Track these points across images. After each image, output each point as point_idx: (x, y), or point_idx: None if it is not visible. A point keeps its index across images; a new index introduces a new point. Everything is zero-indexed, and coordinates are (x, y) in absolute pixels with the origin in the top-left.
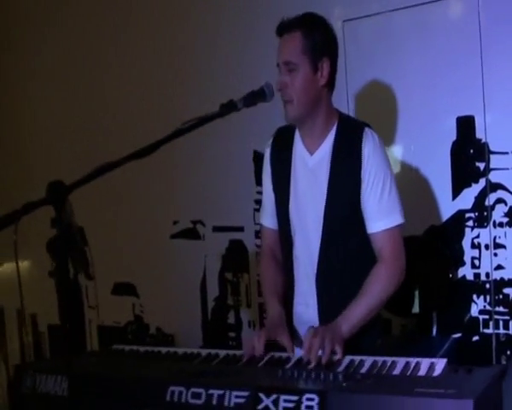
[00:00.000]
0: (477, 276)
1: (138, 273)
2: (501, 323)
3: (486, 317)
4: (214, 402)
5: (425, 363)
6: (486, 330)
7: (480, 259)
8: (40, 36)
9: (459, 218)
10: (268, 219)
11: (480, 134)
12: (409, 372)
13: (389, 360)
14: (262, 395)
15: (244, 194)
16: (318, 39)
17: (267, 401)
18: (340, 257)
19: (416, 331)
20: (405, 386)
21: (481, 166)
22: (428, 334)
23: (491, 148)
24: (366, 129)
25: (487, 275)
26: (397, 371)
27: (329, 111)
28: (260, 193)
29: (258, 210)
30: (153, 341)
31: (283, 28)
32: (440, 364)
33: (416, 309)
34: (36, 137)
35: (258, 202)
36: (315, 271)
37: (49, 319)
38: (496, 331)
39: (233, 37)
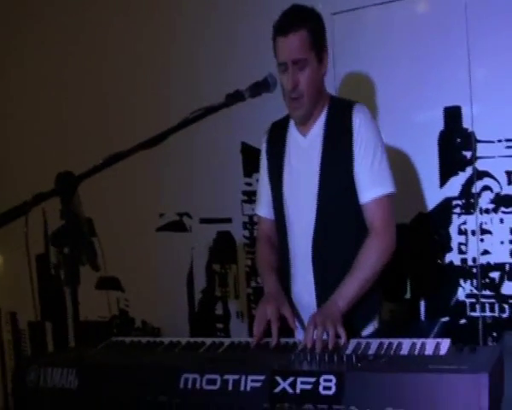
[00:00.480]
0: (464, 261)
1: (123, 267)
2: (487, 306)
3: (473, 300)
4: (230, 387)
5: (430, 343)
6: (473, 314)
7: (466, 244)
8: (32, 34)
9: (446, 205)
10: (264, 208)
11: (466, 124)
12: (416, 352)
13: (395, 341)
14: (279, 379)
15: (232, 185)
16: (320, 33)
17: (284, 384)
18: (334, 233)
19: (405, 316)
20: (419, 364)
21: (468, 154)
22: (417, 318)
23: (478, 137)
24: (356, 104)
25: (474, 260)
26: (404, 352)
27: (323, 95)
28: (248, 184)
29: (246, 201)
30: (139, 334)
31: (287, 27)
32: (445, 344)
33: (407, 295)
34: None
35: (246, 193)
36: (310, 248)
37: (29, 316)
38: (482, 314)
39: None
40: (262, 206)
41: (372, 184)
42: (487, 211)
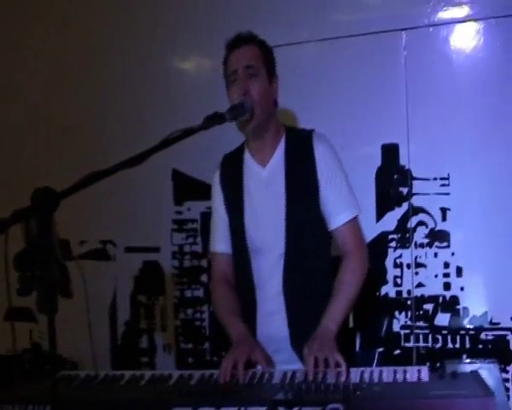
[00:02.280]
0: (399, 293)
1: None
2: (421, 337)
3: (407, 331)
4: None
5: (411, 371)
6: (407, 344)
7: (402, 277)
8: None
9: (383, 239)
10: (221, 244)
11: (403, 161)
12: (401, 379)
13: (375, 369)
14: (282, 409)
15: (161, 213)
16: (271, 57)
17: None
18: (304, 262)
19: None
20: (419, 391)
21: (404, 190)
22: (352, 349)
23: (414, 174)
24: (314, 132)
25: (409, 292)
26: (389, 379)
27: (278, 125)
28: (179, 213)
29: (176, 230)
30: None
31: (240, 41)
32: (424, 371)
33: (351, 324)
34: None
35: (177, 221)
36: (281, 279)
37: None
38: (416, 345)
39: None
40: (218, 241)
41: (342, 208)
42: (422, 245)
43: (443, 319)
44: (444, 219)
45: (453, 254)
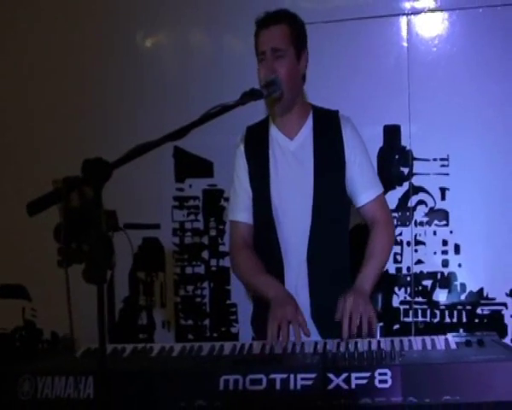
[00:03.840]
0: (399, 270)
1: (30, 274)
2: (419, 312)
3: (407, 307)
4: (278, 387)
5: (439, 340)
6: (406, 319)
7: (402, 254)
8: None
9: None
10: (242, 213)
11: (404, 142)
12: (430, 347)
13: (404, 339)
14: (331, 375)
15: (162, 190)
16: (301, 32)
17: (338, 381)
18: (329, 236)
19: None
20: (457, 356)
21: (405, 170)
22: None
23: (415, 155)
24: (340, 114)
25: (408, 269)
26: (419, 347)
27: (304, 100)
28: (180, 190)
29: (176, 207)
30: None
31: (269, 20)
32: (451, 339)
33: None
34: None
35: (178, 198)
36: (305, 251)
37: None
38: (415, 320)
39: None
40: (239, 211)
41: (370, 186)
42: (422, 223)
43: (441, 294)
44: (443, 198)
45: (451, 232)
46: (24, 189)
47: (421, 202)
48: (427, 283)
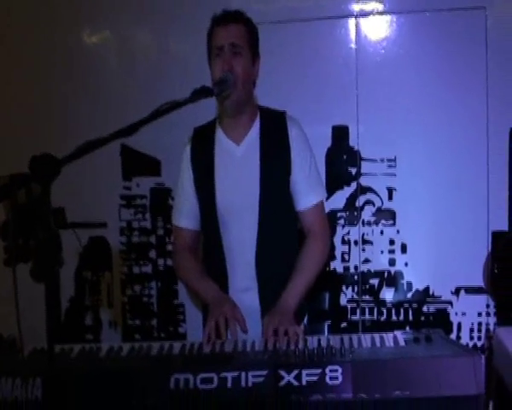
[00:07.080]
0: (346, 269)
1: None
2: (367, 310)
3: (354, 305)
4: (229, 385)
5: (388, 337)
6: (354, 317)
7: (349, 253)
8: None
9: (331, 217)
10: (184, 219)
11: (353, 142)
12: (379, 345)
13: (354, 336)
14: (283, 372)
15: (109, 189)
16: (256, 37)
17: (289, 377)
18: (276, 239)
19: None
20: (407, 352)
21: (353, 171)
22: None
23: (363, 155)
24: (287, 114)
25: (356, 268)
26: (368, 344)
27: (254, 104)
28: (127, 188)
29: (124, 206)
30: None
31: (229, 18)
32: (400, 336)
33: None
34: None
35: (125, 197)
36: (254, 256)
37: None
38: (362, 318)
39: None
40: (182, 216)
41: (310, 191)
42: (369, 223)
43: (387, 292)
44: (390, 198)
45: (398, 231)
46: None
47: (368, 202)
48: (375, 281)
